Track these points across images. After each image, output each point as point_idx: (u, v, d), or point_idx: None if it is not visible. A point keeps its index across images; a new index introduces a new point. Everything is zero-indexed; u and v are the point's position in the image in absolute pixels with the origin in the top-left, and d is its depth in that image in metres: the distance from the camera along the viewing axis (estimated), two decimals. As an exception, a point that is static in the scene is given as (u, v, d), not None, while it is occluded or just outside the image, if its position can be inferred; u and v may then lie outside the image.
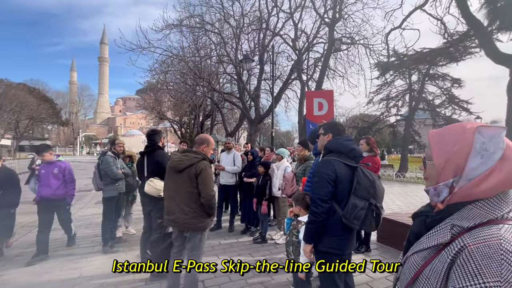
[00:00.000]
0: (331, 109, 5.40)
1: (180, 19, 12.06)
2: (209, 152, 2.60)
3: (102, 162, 4.10)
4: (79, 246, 4.34)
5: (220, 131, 34.39)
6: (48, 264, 3.61)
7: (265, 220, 4.36)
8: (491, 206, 0.66)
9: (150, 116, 32.59)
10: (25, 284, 3.06)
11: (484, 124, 0.71)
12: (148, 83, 21.12)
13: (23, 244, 4.42)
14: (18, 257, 3.85)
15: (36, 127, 38.80)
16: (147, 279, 3.15)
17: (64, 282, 3.09)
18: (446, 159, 0.72)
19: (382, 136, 34.24)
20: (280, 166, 4.56)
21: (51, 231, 3.99)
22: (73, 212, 6.67)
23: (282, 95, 13.83)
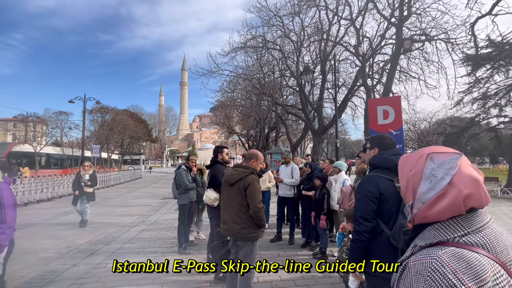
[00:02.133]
0: (399, 117, 4.91)
1: (244, 42, 13.08)
2: (258, 166, 2.79)
3: (177, 174, 4.81)
4: (161, 246, 5.10)
5: (285, 142, 34.64)
6: (139, 258, 4.39)
7: (324, 235, 4.23)
8: (442, 229, 0.70)
9: (221, 131, 35.67)
10: (121, 275, 3.81)
11: (440, 151, 0.75)
12: (219, 102, 23.34)
13: (124, 239, 5.48)
14: (119, 250, 4.82)
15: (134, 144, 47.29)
16: (211, 280, 3.49)
17: (148, 275, 3.72)
18: (406, 182, 0.79)
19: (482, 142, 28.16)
20: (338, 179, 4.40)
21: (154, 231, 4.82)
22: (158, 216, 7.91)
23: (347, 103, 13.16)
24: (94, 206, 10.30)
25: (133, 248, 4.97)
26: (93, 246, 5.12)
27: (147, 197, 13.21)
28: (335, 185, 4.41)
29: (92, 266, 4.07)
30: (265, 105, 18.52)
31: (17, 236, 5.80)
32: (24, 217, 8.24)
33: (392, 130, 4.90)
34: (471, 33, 6.47)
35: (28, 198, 10.87)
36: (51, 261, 4.38)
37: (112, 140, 35.73)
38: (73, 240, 5.56)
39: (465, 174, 0.69)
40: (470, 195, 0.67)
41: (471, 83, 13.86)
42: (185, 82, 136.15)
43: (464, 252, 0.62)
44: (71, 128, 41.43)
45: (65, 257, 4.55)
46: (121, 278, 3.63)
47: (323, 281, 3.46)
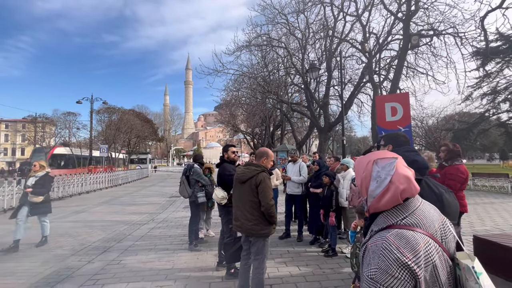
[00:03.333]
0: (407, 113, 4.89)
1: (249, 40, 13.09)
2: (269, 164, 2.84)
3: (193, 173, 4.92)
4: (172, 243, 5.20)
5: (291, 140, 34.64)
6: (150, 255, 4.49)
7: (333, 232, 4.26)
8: (389, 216, 0.91)
9: (226, 129, 35.82)
10: (136, 269, 3.91)
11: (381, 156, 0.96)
12: (224, 100, 23.43)
13: (136, 237, 5.60)
14: (131, 248, 4.93)
15: (141, 143, 47.82)
16: (223, 276, 3.56)
17: (161, 271, 3.81)
18: (361, 181, 0.98)
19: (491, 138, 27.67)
20: (346, 176, 4.41)
21: (163, 229, 4.92)
22: (167, 214, 8.03)
23: (354, 100, 13.07)
24: (104, 205, 10.52)
25: (145, 245, 5.08)
26: (106, 243, 5.25)
27: (155, 195, 13.39)
28: (343, 182, 4.42)
29: (106, 263, 4.19)
30: (270, 103, 18.54)
31: (31, 234, 5.97)
32: (37, 215, 8.46)
33: (401, 127, 4.89)
34: (481, 27, 6.36)
35: (40, 197, 11.12)
36: (67, 258, 4.51)
37: (119, 139, 36.19)
38: (86, 238, 5.70)
39: (400, 173, 0.89)
40: (405, 189, 0.88)
41: (480, 77, 13.62)
42: (189, 81, 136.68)
43: (404, 232, 0.83)
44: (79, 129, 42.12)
45: (80, 254, 4.68)
46: (135, 274, 3.73)
47: (333, 277, 3.49)
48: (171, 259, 4.27)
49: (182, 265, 4.04)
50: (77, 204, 10.83)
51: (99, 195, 14.16)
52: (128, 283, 3.46)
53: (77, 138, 44.02)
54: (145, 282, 3.47)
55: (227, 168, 3.64)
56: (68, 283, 3.50)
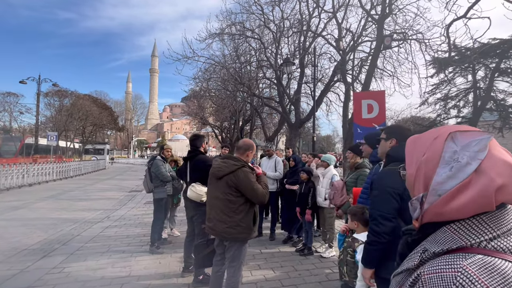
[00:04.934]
0: (382, 111, 4.91)
1: (222, 28, 12.45)
2: (250, 158, 2.51)
3: (152, 165, 4.32)
4: (130, 244, 4.60)
5: (259, 135, 34.63)
6: (103, 260, 3.87)
7: (310, 230, 4.09)
8: (465, 230, 0.55)
9: (193, 122, 34.44)
10: (83, 279, 3.29)
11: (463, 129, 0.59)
12: (192, 91, 22.33)
13: (86, 238, 4.85)
14: (79, 251, 4.22)
15: (98, 132, 43.85)
16: (190, 284, 3.15)
17: (114, 280, 3.25)
18: (417, 169, 0.63)
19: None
20: (326, 173, 4.26)
21: (120, 228, 4.28)
22: (125, 211, 7.24)
23: (323, 98, 13.28)
24: (48, 199, 9.22)
25: (97, 247, 4.40)
26: (47, 246, 4.45)
27: (112, 189, 12.20)
28: (322, 180, 4.26)
29: (45, 271, 3.48)
30: (241, 96, 18.09)
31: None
32: (-41, 213, 7.04)
33: (376, 125, 4.90)
34: (446, 34, 6.72)
35: (-34, 190, 9.37)
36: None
37: (71, 127, 32.67)
38: (22, 240, 4.79)
39: (498, 158, 0.54)
40: (504, 186, 0.52)
41: (436, 84, 14.81)
42: (155, 69, 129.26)
43: (496, 262, 0.49)
44: (22, 112, 37.08)
45: (11, 261, 3.86)
46: (82, 285, 3.13)
47: (310, 279, 3.30)
48: (127, 264, 3.71)
49: (141, 271, 3.52)
50: (15, 198, 9.34)
51: (45, 188, 12.47)
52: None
53: (20, 123, 38.84)
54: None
55: (208, 160, 3.23)
56: (-11, 301, 2.79)
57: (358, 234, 1.81)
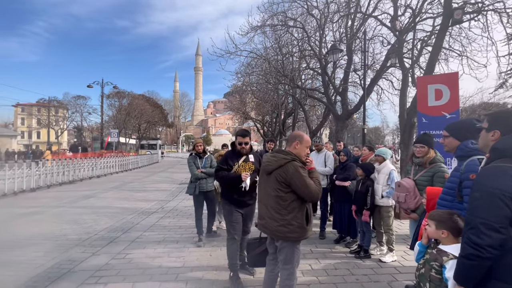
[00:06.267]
0: (455, 97, 4.18)
1: (264, 20, 12.22)
2: (303, 151, 2.27)
3: (188, 163, 4.46)
4: (183, 235, 4.81)
5: (302, 129, 33.84)
6: (159, 249, 4.10)
7: (367, 232, 3.73)
8: None
9: (236, 117, 35.27)
10: (143, 266, 3.52)
11: None
12: (234, 86, 22.73)
13: (144, 227, 5.24)
14: (138, 239, 4.56)
15: (151, 129, 47.98)
16: (242, 279, 3.12)
17: (170, 270, 3.40)
18: None
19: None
20: (381, 169, 3.82)
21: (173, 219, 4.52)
22: (177, 203, 7.68)
23: (374, 87, 12.16)
24: (113, 190, 10.32)
25: (153, 236, 4.71)
26: (112, 233, 4.91)
27: (164, 182, 13.16)
28: (378, 176, 3.84)
29: (111, 256, 3.82)
30: (283, 89, 17.74)
31: (39, 219, 5.72)
32: (46, 200, 8.30)
33: (446, 113, 4.21)
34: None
35: (51, 180, 11.05)
36: (71, 248, 4.19)
37: (129, 124, 36.25)
38: (92, 226, 5.40)
39: None
40: None
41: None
42: (199, 67, 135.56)
43: None
44: (90, 113, 42.42)
45: (85, 244, 4.35)
46: (143, 272, 3.34)
47: (370, 286, 2.99)
48: (181, 255, 3.87)
49: (194, 262, 3.62)
50: (87, 188, 10.68)
51: (109, 179, 14.06)
52: (134, 283, 3.06)
53: (88, 123, 44.45)
54: (153, 283, 3.06)
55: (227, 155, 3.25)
56: (68, 280, 3.14)
57: (446, 245, 1.49)
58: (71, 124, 48.42)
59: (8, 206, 7.35)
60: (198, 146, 4.57)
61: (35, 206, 7.32)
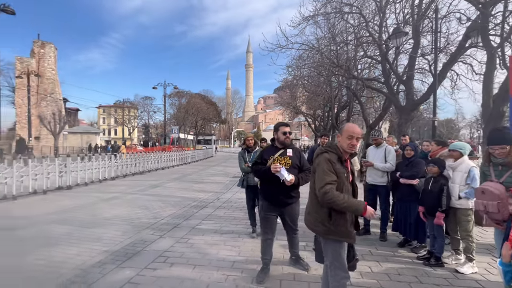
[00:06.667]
0: None
1: (316, 9, 11.70)
2: (345, 143, 2.04)
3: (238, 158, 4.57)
4: (237, 225, 5.01)
5: (357, 122, 31.71)
6: (216, 237, 4.35)
7: (440, 237, 3.28)
8: None
9: (286, 112, 34.99)
10: (203, 251, 3.78)
11: None
12: (285, 80, 22.49)
13: (202, 216, 5.64)
14: (198, 226, 4.92)
15: (206, 125, 51.24)
16: (295, 274, 3.09)
17: (227, 257, 3.57)
18: None
19: None
20: (457, 166, 3.28)
21: (228, 209, 4.78)
22: (231, 195, 8.04)
23: (447, 72, 10.52)
24: (175, 181, 11.36)
25: (211, 225, 5.02)
26: (176, 219, 5.41)
27: (219, 175, 13.92)
28: (454, 174, 3.32)
29: (175, 240, 4.21)
30: (336, 81, 16.80)
31: (117, 204, 6.61)
32: (122, 187, 9.61)
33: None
34: None
35: (126, 171, 12.76)
36: (143, 230, 4.77)
37: (187, 121, 39.34)
38: (159, 212, 6.04)
39: None
40: None
41: None
42: (250, 64, 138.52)
43: None
44: (155, 112, 47.47)
45: (153, 227, 4.89)
46: (202, 257, 3.59)
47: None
48: (236, 244, 4.03)
49: (248, 252, 3.73)
50: (154, 179, 12.01)
51: (171, 171, 15.53)
52: (195, 266, 3.31)
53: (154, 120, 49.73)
54: (212, 267, 3.26)
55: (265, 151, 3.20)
56: (142, 257, 3.58)
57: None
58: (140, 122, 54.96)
59: (95, 191, 8.76)
60: (248, 141, 4.68)
61: (114, 192, 8.56)
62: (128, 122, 51.90)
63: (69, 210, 6.16)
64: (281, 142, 3.00)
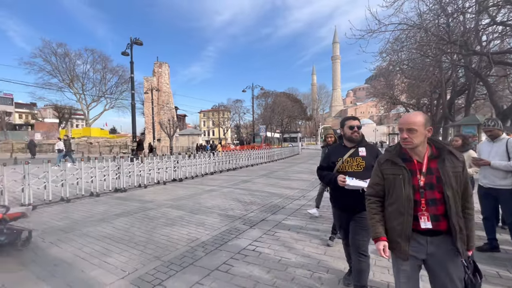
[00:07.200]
0: None
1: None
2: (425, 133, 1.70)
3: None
4: (323, 224, 4.88)
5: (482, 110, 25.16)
6: (302, 234, 4.38)
7: None
8: None
9: (380, 103, 31.19)
10: (288, 245, 3.89)
11: None
12: (378, 68, 20.08)
13: (288, 211, 5.78)
14: (284, 221, 5.07)
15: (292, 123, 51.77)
16: (389, 283, 2.77)
17: (312, 254, 3.55)
18: None
19: None
20: None
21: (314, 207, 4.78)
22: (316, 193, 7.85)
23: None
24: (262, 177, 12.04)
25: (297, 221, 5.09)
26: (264, 213, 5.75)
27: (305, 172, 13.84)
28: None
29: (263, 232, 4.50)
30: (448, 61, 13.74)
31: (215, 195, 7.52)
32: (219, 181, 10.92)
33: None
34: None
35: (222, 167, 14.44)
36: (235, 220, 5.30)
37: (273, 120, 40.84)
38: (249, 205, 6.56)
39: None
40: None
41: None
42: (336, 56, 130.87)
43: None
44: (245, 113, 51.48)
45: (244, 218, 5.37)
46: (288, 250, 3.70)
47: None
48: (322, 243, 3.94)
49: (336, 253, 3.59)
50: (245, 174, 13.10)
51: (260, 168, 16.52)
52: (281, 258, 3.46)
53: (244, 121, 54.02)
54: (297, 262, 3.32)
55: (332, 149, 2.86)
56: (235, 243, 4.00)
57: None
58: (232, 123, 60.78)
59: (199, 184, 10.32)
60: (328, 138, 4.45)
61: (213, 185, 9.83)
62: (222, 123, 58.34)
63: (181, 198, 7.50)
64: (348, 138, 2.54)
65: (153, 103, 33.61)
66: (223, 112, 59.58)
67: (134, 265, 3.33)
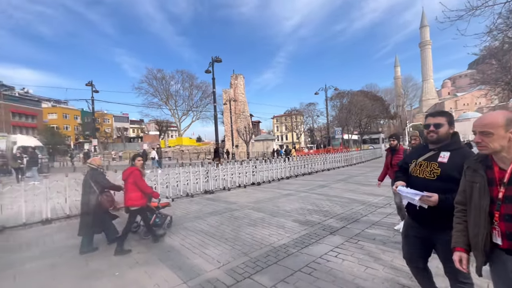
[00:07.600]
0: None
1: None
2: None
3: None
4: (415, 236, 4.37)
5: None
6: (390, 245, 4.06)
7: None
8: None
9: (492, 91, 25.05)
10: (374, 255, 3.69)
11: None
12: (487, 49, 16.34)
13: (370, 221, 5.42)
14: (367, 229, 4.79)
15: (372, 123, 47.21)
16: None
17: (401, 268, 3.26)
18: None
19: None
20: None
21: (389, 215, 4.42)
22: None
23: None
24: (340, 182, 11.50)
25: (383, 231, 4.73)
26: (344, 220, 5.56)
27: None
28: None
29: (345, 239, 4.39)
30: None
31: (292, 199, 7.67)
32: (295, 185, 11.04)
33: None
34: None
35: (297, 171, 14.53)
36: (314, 224, 5.33)
37: (350, 121, 38.23)
38: (328, 211, 6.43)
39: None
40: None
41: None
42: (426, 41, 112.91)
43: None
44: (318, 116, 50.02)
45: (324, 224, 5.33)
46: (374, 261, 3.51)
47: None
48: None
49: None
50: (321, 179, 12.80)
51: (337, 172, 15.79)
52: (366, 267, 3.32)
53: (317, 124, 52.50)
54: (385, 273, 3.13)
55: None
56: (315, 248, 4.06)
57: None
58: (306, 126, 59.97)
59: (276, 188, 10.70)
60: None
61: (289, 189, 10.03)
62: (296, 127, 58.29)
63: (261, 201, 7.99)
64: (425, 139, 2.16)
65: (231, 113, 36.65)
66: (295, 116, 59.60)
67: (227, 258, 3.82)
